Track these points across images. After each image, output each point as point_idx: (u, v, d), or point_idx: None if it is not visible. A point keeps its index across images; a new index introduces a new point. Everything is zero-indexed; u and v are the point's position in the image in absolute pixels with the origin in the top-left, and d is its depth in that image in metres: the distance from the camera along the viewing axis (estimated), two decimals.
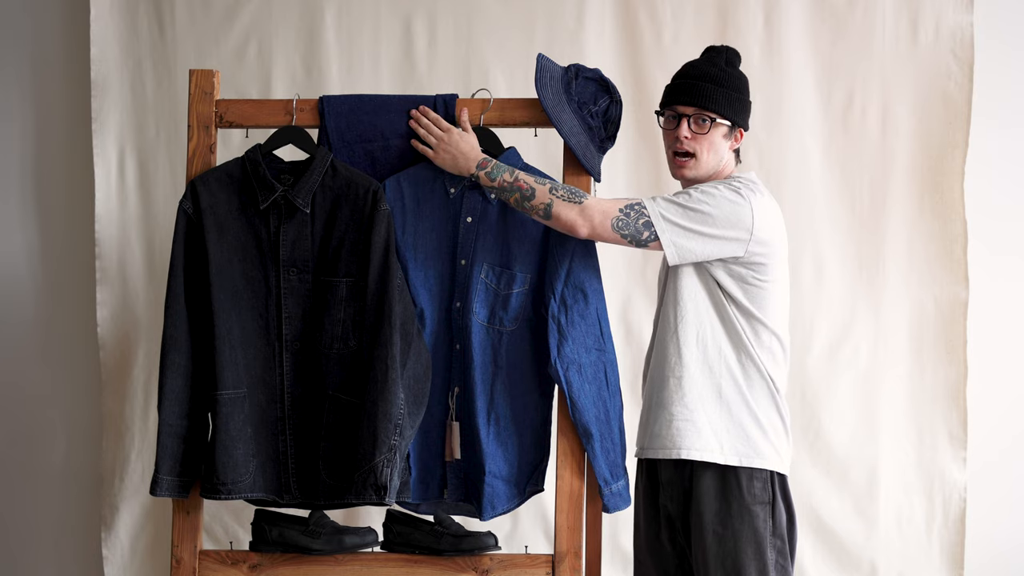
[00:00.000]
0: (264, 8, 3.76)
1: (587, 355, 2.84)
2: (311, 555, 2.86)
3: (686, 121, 2.74)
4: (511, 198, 2.77)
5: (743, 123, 2.78)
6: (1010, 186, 3.73)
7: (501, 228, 2.87)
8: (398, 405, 2.76)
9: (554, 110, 2.84)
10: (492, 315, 2.86)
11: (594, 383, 2.85)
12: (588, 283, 2.84)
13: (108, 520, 3.80)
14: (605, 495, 2.85)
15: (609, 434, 2.85)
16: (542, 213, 2.74)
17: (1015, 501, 3.73)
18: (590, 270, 2.86)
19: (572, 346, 2.83)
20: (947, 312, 3.63)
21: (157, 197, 3.79)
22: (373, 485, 2.74)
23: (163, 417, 2.81)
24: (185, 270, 2.82)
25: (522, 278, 2.86)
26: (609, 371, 2.87)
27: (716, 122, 2.73)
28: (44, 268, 3.90)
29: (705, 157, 2.75)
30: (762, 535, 2.67)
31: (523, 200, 2.75)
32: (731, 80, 2.76)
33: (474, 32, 3.73)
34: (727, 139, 2.76)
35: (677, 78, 2.80)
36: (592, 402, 2.84)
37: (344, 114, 2.90)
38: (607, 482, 2.84)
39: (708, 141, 2.74)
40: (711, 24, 3.69)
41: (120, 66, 3.79)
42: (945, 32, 3.64)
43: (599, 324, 2.86)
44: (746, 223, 2.67)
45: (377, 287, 2.80)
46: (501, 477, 2.88)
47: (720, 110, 2.73)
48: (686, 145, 2.74)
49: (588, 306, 2.84)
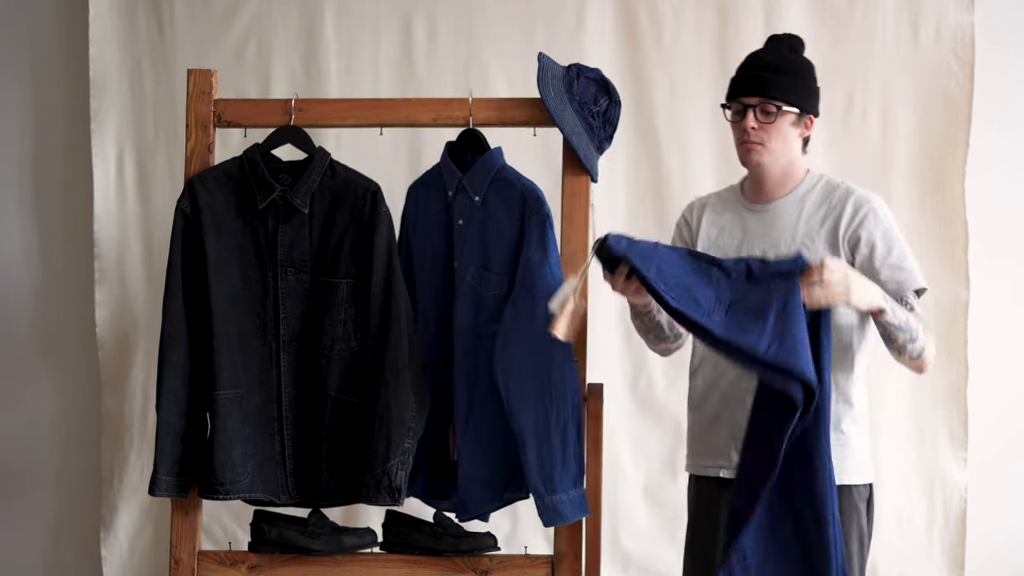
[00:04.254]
0: (264, 8, 3.76)
1: (530, 360, 2.73)
2: (310, 555, 2.85)
3: (752, 111, 2.69)
4: (900, 339, 2.60)
5: (811, 109, 2.73)
6: (1011, 187, 3.73)
7: (482, 229, 2.84)
8: (410, 408, 2.77)
9: (556, 109, 2.84)
10: (476, 318, 2.83)
11: (537, 390, 2.72)
12: (539, 285, 2.74)
13: (107, 520, 3.80)
14: (538, 507, 2.74)
15: (547, 443, 2.71)
16: (916, 355, 2.62)
17: (1015, 501, 3.73)
18: (544, 273, 2.74)
19: (516, 347, 2.73)
20: (948, 313, 3.62)
21: (156, 197, 3.79)
22: (387, 488, 2.75)
23: (161, 417, 2.81)
24: (183, 270, 2.82)
25: (499, 280, 2.82)
26: (559, 379, 2.72)
27: (782, 110, 2.68)
28: (43, 268, 3.90)
29: (773, 145, 2.70)
30: (864, 531, 2.69)
31: (908, 342, 2.61)
32: (795, 67, 2.71)
33: (474, 32, 3.73)
34: (795, 127, 2.71)
35: (740, 69, 2.75)
36: (532, 408, 2.72)
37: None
38: (539, 494, 2.72)
39: (776, 129, 2.69)
40: (711, 24, 3.69)
41: (119, 66, 3.79)
42: (946, 32, 3.64)
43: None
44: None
45: (382, 289, 2.79)
46: (476, 480, 2.85)
47: (785, 98, 2.68)
48: (754, 136, 2.70)
49: (536, 309, 2.72)
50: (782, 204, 2.74)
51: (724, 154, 3.68)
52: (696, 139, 3.69)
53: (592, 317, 2.88)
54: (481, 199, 2.83)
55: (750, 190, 2.79)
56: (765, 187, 2.76)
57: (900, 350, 2.62)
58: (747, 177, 2.81)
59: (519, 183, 2.82)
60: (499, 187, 2.82)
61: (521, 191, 2.80)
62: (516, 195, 2.80)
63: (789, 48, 2.74)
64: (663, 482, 3.71)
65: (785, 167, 2.74)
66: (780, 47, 2.74)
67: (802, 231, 2.70)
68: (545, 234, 2.76)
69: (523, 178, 2.83)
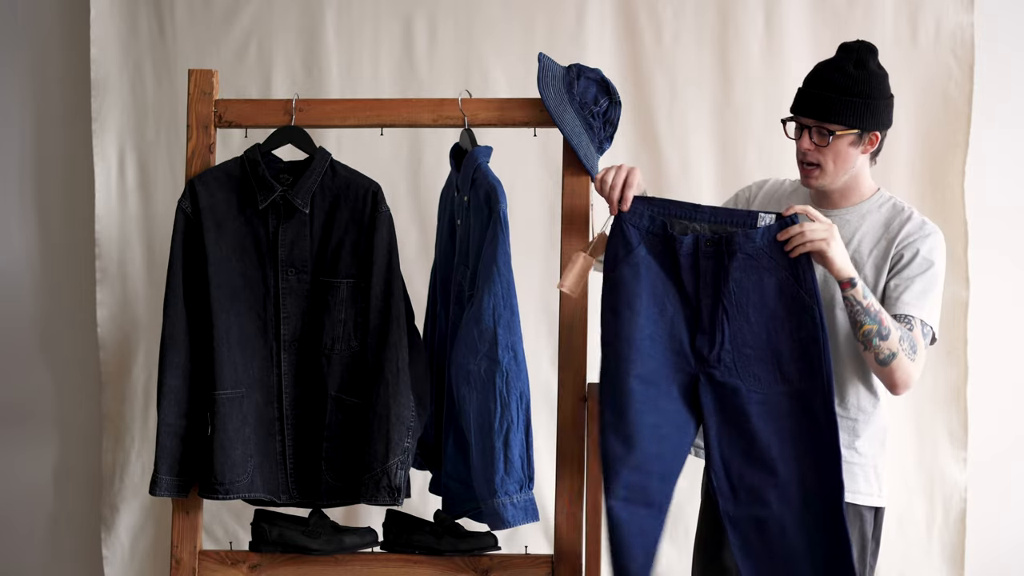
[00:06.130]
0: (264, 8, 3.77)
1: (475, 362, 2.69)
2: (311, 555, 2.85)
3: (807, 133, 2.67)
4: (866, 327, 2.55)
5: (874, 126, 2.67)
6: (1011, 186, 3.73)
7: (467, 229, 2.84)
8: (410, 408, 2.77)
9: (556, 110, 2.84)
10: (459, 317, 2.83)
11: (481, 393, 2.68)
12: (486, 287, 2.69)
13: (108, 520, 3.81)
14: (483, 511, 2.73)
15: (491, 449, 2.67)
16: (882, 359, 2.56)
17: (1015, 501, 3.73)
18: (492, 272, 2.71)
19: (462, 350, 2.70)
20: (947, 312, 3.61)
21: (157, 197, 3.80)
22: (387, 487, 2.75)
23: (162, 416, 2.81)
24: (184, 269, 2.82)
25: (473, 278, 2.80)
26: (501, 382, 2.67)
27: (838, 134, 2.64)
28: (44, 268, 3.90)
29: (831, 168, 2.67)
30: (867, 538, 2.71)
31: (875, 336, 2.55)
32: (857, 85, 2.64)
33: (474, 32, 3.73)
34: (856, 146, 2.67)
35: (804, 84, 2.71)
36: (476, 412, 2.69)
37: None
38: (482, 497, 2.70)
39: (832, 152, 2.66)
40: (711, 24, 3.69)
41: (120, 66, 3.79)
42: (945, 32, 3.64)
43: (493, 331, 2.67)
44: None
45: (382, 290, 2.80)
46: (458, 480, 2.87)
47: (843, 120, 2.63)
48: (810, 157, 2.67)
49: (482, 311, 2.68)
50: (843, 214, 2.73)
51: (724, 154, 3.68)
52: (696, 139, 3.69)
53: (592, 317, 2.88)
54: (468, 199, 2.84)
55: (816, 196, 2.78)
56: (829, 198, 2.76)
57: (866, 343, 2.57)
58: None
59: (485, 181, 2.77)
60: (475, 186, 2.81)
61: (487, 189, 2.75)
62: (483, 194, 2.77)
63: (856, 62, 2.66)
64: None
65: (848, 183, 2.72)
66: (846, 62, 2.66)
67: (853, 247, 2.69)
68: (496, 235, 2.70)
69: (490, 175, 2.78)
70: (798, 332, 2.60)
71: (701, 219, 2.65)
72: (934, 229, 2.70)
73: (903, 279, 2.65)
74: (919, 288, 2.64)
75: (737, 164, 3.66)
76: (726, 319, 2.62)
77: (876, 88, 2.66)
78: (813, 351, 2.59)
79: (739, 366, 2.62)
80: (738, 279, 2.62)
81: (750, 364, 2.62)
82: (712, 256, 2.63)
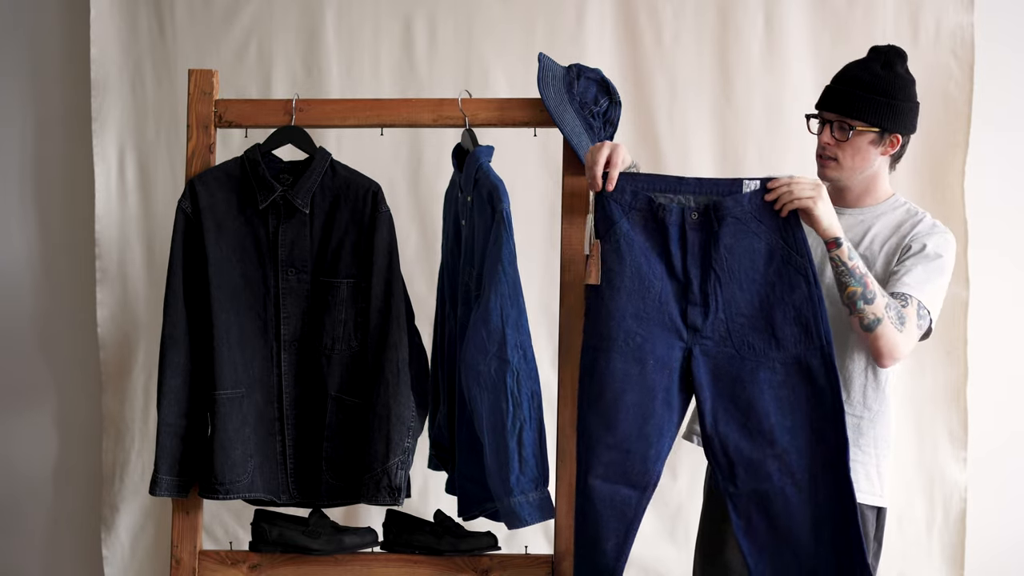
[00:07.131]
0: (264, 8, 3.77)
1: (485, 363, 2.68)
2: (311, 555, 2.86)
3: (829, 127, 2.72)
4: (851, 288, 2.58)
5: (896, 128, 2.70)
6: (1010, 186, 3.73)
7: (471, 229, 2.84)
8: (410, 407, 2.78)
9: (556, 110, 2.84)
10: (467, 317, 2.83)
11: (492, 392, 2.68)
12: (492, 287, 2.69)
13: (108, 520, 3.81)
14: (499, 510, 2.73)
15: (504, 448, 2.68)
16: (866, 323, 2.58)
17: (1015, 501, 3.73)
18: (497, 271, 2.71)
19: (472, 351, 2.70)
20: (947, 312, 3.62)
21: (157, 197, 3.79)
22: (387, 487, 2.76)
23: (162, 416, 2.81)
24: (184, 269, 2.82)
25: (479, 278, 2.80)
26: (512, 382, 2.68)
27: (858, 130, 2.68)
28: (44, 268, 3.90)
29: (848, 163, 2.71)
30: (868, 538, 2.72)
31: (860, 299, 2.57)
32: (883, 85, 2.68)
33: (474, 32, 3.73)
34: (876, 145, 2.71)
35: (831, 82, 2.76)
36: (489, 412, 2.69)
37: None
38: (498, 496, 2.71)
39: (851, 148, 2.70)
40: (711, 24, 3.69)
41: (120, 66, 3.79)
42: (945, 32, 3.64)
43: (502, 331, 2.68)
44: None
45: (382, 290, 2.80)
46: (472, 479, 2.87)
47: (864, 117, 2.67)
48: (828, 151, 2.72)
49: (490, 312, 2.69)
50: (858, 214, 2.77)
51: (724, 154, 3.68)
52: (696, 139, 3.70)
53: None
54: (471, 199, 2.84)
55: (833, 193, 2.80)
56: (844, 197, 2.79)
57: (851, 306, 2.59)
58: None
59: (488, 181, 2.77)
60: (478, 187, 2.81)
61: (489, 189, 2.75)
62: (486, 194, 2.77)
63: (884, 63, 2.70)
64: (664, 482, 3.68)
65: (864, 182, 2.76)
66: (874, 62, 2.71)
67: (866, 243, 2.73)
68: (500, 234, 2.70)
69: (492, 175, 2.79)
70: (791, 295, 2.61)
71: (686, 191, 2.67)
72: (946, 230, 2.74)
73: (908, 264, 2.67)
74: (922, 272, 2.66)
75: (737, 164, 3.66)
76: (719, 286, 2.63)
77: (901, 90, 2.70)
78: (808, 311, 2.60)
79: (733, 335, 2.63)
80: (729, 245, 2.63)
81: (744, 332, 2.63)
82: (699, 227, 2.64)
